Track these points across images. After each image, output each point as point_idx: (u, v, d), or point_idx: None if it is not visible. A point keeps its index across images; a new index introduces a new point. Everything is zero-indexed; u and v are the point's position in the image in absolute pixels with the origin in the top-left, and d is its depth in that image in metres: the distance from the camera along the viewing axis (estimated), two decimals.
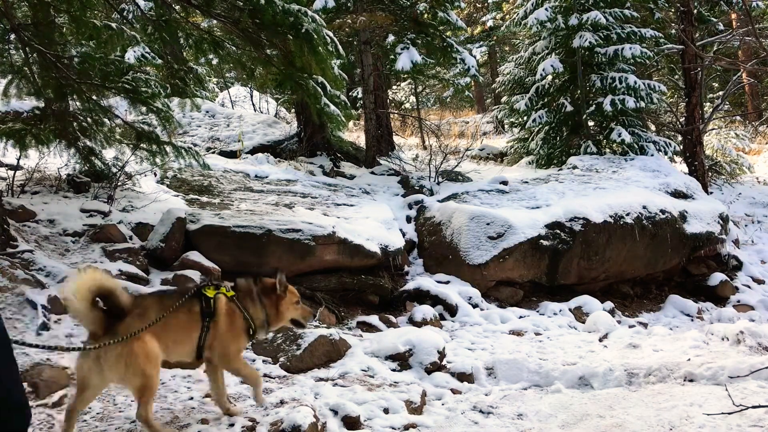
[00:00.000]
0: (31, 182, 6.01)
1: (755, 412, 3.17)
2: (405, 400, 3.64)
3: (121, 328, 2.70)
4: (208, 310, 2.97)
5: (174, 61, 6.57)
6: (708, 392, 3.64)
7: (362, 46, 9.91)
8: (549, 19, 10.82)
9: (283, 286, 3.20)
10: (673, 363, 4.14)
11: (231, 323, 3.05)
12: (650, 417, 3.39)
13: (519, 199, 8.08)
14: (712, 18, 12.57)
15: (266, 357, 4.12)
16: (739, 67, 12.41)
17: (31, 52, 5.06)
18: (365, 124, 10.32)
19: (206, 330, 2.96)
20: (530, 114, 11.53)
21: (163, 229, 5.36)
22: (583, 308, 6.58)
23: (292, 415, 3.09)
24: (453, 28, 10.58)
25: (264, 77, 6.00)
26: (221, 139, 10.61)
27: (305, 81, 5.36)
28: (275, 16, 4.73)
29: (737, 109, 17.82)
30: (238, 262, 5.46)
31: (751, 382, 3.69)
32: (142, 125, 5.88)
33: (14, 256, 4.54)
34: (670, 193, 8.55)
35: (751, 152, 14.26)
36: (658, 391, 3.79)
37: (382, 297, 6.23)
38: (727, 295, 7.80)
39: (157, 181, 7.10)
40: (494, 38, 19.97)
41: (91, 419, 3.09)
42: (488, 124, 19.33)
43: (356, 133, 13.67)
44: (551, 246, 6.91)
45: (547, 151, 11.51)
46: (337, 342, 4.31)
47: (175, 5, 5.46)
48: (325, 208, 7.26)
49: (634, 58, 10.21)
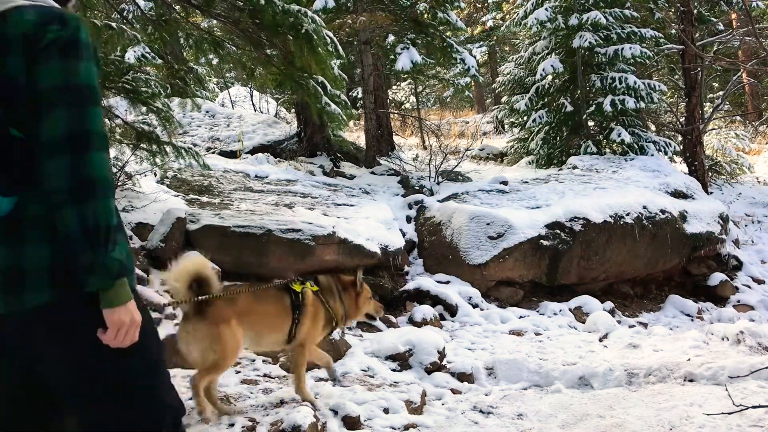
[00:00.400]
0: None
1: (755, 412, 3.17)
2: (405, 400, 3.64)
3: (210, 311, 2.94)
4: (298, 303, 3.26)
5: (174, 61, 6.57)
6: (708, 392, 3.64)
7: (362, 46, 9.91)
8: (549, 19, 10.81)
9: (361, 284, 3.52)
10: (673, 363, 4.14)
11: (316, 316, 3.35)
12: (650, 417, 3.39)
13: (519, 199, 8.08)
14: (712, 18, 12.57)
15: (266, 357, 4.12)
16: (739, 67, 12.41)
17: None
18: (365, 124, 10.32)
19: (297, 322, 3.25)
20: (530, 114, 11.52)
21: (163, 229, 5.36)
22: (583, 308, 6.58)
23: (292, 415, 3.10)
24: (453, 28, 10.58)
25: (264, 77, 6.00)
26: (221, 139, 10.61)
27: (305, 81, 5.36)
28: (275, 16, 4.73)
29: (737, 109, 17.82)
30: (239, 262, 5.47)
31: (751, 382, 3.69)
32: (142, 125, 5.87)
33: None
34: (670, 193, 8.54)
35: (751, 152, 14.26)
36: (658, 391, 3.79)
37: (382, 297, 6.22)
38: (727, 295, 7.80)
39: (157, 181, 7.10)
40: (494, 38, 19.95)
41: None
42: (488, 124, 19.33)
43: (356, 133, 13.67)
44: (551, 246, 6.91)
45: (547, 151, 11.50)
46: (337, 342, 4.31)
47: (175, 5, 5.46)
48: (325, 208, 7.26)
49: (634, 58, 10.21)
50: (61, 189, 1.41)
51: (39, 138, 1.43)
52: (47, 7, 1.52)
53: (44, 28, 1.45)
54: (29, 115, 1.44)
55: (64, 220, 1.43)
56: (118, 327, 1.47)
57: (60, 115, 1.43)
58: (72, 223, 1.42)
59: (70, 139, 1.42)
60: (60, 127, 1.42)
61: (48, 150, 1.42)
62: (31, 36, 1.45)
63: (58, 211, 1.43)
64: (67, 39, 1.46)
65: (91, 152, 1.44)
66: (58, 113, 1.42)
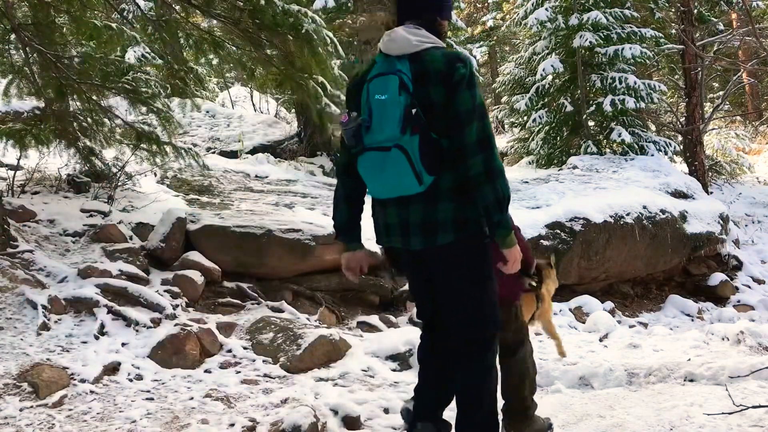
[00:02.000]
0: (32, 182, 6.01)
1: (756, 412, 3.17)
2: (405, 400, 3.63)
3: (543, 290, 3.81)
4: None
5: (174, 61, 6.56)
6: (708, 392, 3.63)
7: (362, 46, 9.90)
8: (549, 19, 10.81)
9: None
10: (674, 363, 4.14)
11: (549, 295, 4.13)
12: (650, 417, 3.39)
13: (519, 199, 8.08)
14: (713, 18, 12.55)
15: (266, 357, 4.12)
16: (739, 67, 12.41)
17: (31, 52, 5.06)
18: None
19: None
20: (530, 114, 11.52)
21: (164, 229, 5.36)
22: (584, 308, 6.57)
23: (293, 415, 3.10)
24: (453, 28, 10.58)
25: (264, 77, 6.00)
26: (221, 139, 10.60)
27: (305, 81, 5.36)
28: (275, 16, 4.74)
29: (737, 109, 17.81)
30: (239, 262, 5.46)
31: (752, 382, 3.68)
32: (142, 125, 5.87)
33: (14, 256, 4.55)
34: (670, 193, 8.54)
35: (752, 152, 14.26)
36: (658, 391, 3.79)
37: (383, 297, 6.22)
38: (728, 295, 7.79)
39: (158, 181, 7.09)
40: (494, 38, 19.94)
41: (91, 419, 3.09)
42: None
43: None
44: (551, 246, 6.90)
45: (547, 151, 11.50)
46: (337, 342, 4.30)
47: (175, 5, 5.46)
48: (325, 208, 7.25)
49: (634, 58, 10.20)
50: (480, 174, 2.18)
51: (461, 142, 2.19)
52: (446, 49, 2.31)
53: (453, 66, 2.20)
54: (451, 128, 2.20)
55: (484, 194, 2.20)
56: (513, 260, 2.29)
57: (473, 128, 2.19)
58: (489, 196, 2.19)
59: (481, 142, 2.19)
60: (474, 135, 2.19)
61: (469, 150, 2.19)
62: (444, 72, 2.20)
63: (478, 188, 2.20)
64: (469, 75, 2.21)
65: (493, 149, 2.22)
66: (471, 127, 2.19)
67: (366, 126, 2.24)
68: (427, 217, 2.26)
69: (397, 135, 2.17)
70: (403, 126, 2.16)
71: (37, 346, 3.76)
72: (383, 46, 2.31)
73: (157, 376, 3.67)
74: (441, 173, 2.22)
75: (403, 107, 2.17)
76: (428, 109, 2.19)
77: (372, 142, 2.23)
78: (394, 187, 2.24)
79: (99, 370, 3.51)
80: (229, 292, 5.26)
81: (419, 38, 2.26)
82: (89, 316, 4.18)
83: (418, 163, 2.17)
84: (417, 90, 2.20)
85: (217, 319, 4.64)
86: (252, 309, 5.13)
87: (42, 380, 3.25)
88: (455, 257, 2.32)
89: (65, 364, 3.51)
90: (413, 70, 2.22)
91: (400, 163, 2.17)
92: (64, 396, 3.24)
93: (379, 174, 2.24)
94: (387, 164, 2.19)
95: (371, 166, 2.25)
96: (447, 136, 2.20)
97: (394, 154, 2.17)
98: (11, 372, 3.32)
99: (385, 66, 2.26)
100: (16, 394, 3.17)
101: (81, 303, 4.23)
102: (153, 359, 3.81)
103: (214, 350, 4.11)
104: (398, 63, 2.24)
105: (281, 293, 5.47)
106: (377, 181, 2.28)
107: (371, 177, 2.29)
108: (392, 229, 2.36)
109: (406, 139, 2.16)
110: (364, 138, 2.25)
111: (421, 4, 2.35)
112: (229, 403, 3.39)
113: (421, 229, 2.28)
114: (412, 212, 2.28)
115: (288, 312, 5.17)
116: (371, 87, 2.26)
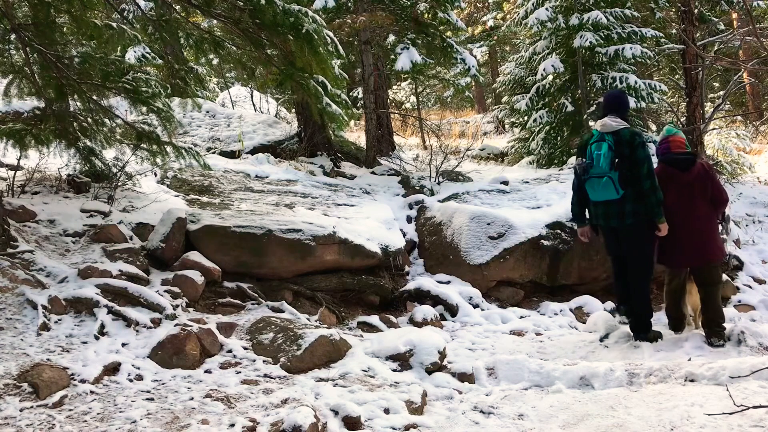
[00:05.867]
0: (32, 182, 6.01)
1: (756, 413, 3.17)
2: (405, 401, 3.63)
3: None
4: None
5: (174, 61, 6.56)
6: (709, 392, 3.63)
7: (362, 46, 9.90)
8: (550, 18, 10.80)
9: None
10: (674, 363, 4.13)
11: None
12: (651, 417, 3.39)
13: (520, 199, 8.08)
14: (713, 18, 12.54)
15: (266, 357, 4.12)
16: (740, 67, 12.38)
17: (31, 52, 5.06)
18: (366, 124, 10.30)
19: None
20: (531, 114, 11.52)
21: (164, 229, 5.36)
22: (584, 308, 6.56)
23: (293, 416, 3.09)
24: (453, 28, 10.57)
25: (264, 77, 6.00)
26: (221, 139, 10.59)
27: (306, 81, 5.36)
28: (275, 16, 4.73)
29: (738, 108, 17.80)
30: (239, 262, 5.46)
31: (752, 382, 3.67)
32: (142, 125, 5.87)
33: (14, 256, 4.55)
34: None
35: (752, 152, 14.22)
36: (659, 391, 3.78)
37: (383, 297, 6.23)
38: (728, 295, 7.75)
39: (158, 181, 7.09)
40: (495, 38, 19.94)
41: (91, 419, 3.08)
42: (489, 124, 19.33)
43: (357, 133, 13.66)
44: (552, 246, 6.91)
45: (547, 151, 11.50)
46: (337, 342, 4.30)
47: (176, 5, 5.46)
48: (325, 208, 7.25)
49: (634, 58, 10.20)
50: (648, 189, 4.58)
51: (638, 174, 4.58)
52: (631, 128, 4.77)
53: (634, 138, 4.63)
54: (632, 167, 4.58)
55: (649, 200, 4.58)
56: (663, 231, 4.66)
57: (643, 168, 4.58)
58: (652, 200, 4.58)
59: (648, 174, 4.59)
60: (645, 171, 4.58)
61: (643, 178, 4.57)
62: (629, 140, 4.62)
63: (647, 197, 4.58)
64: (642, 142, 4.63)
65: (653, 179, 4.60)
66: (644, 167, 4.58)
67: (590, 165, 4.66)
68: (620, 210, 4.66)
69: (607, 170, 4.58)
70: (611, 167, 4.57)
71: (37, 347, 3.76)
72: (599, 128, 4.73)
73: (157, 376, 3.67)
74: (627, 188, 4.58)
75: (611, 158, 4.56)
76: (621, 158, 4.57)
77: (594, 174, 4.65)
78: (605, 195, 4.64)
79: (99, 371, 3.51)
80: (230, 293, 5.26)
81: (617, 123, 4.70)
82: (89, 317, 4.18)
83: (617, 184, 4.56)
84: (616, 149, 4.59)
85: (217, 319, 4.64)
86: (252, 309, 5.13)
87: (42, 380, 3.25)
88: (633, 229, 4.69)
89: (65, 364, 3.51)
90: (614, 139, 4.62)
91: (608, 184, 4.58)
92: (65, 396, 3.24)
93: (597, 189, 4.66)
94: (602, 185, 4.61)
95: (594, 186, 4.67)
96: (630, 171, 4.57)
97: (605, 180, 4.58)
98: (11, 372, 3.32)
99: (600, 136, 4.69)
100: (16, 394, 3.17)
101: (81, 303, 4.23)
102: (153, 359, 3.81)
103: (214, 350, 4.11)
104: (606, 135, 4.66)
105: (281, 293, 5.47)
106: (596, 193, 4.69)
107: (593, 191, 4.70)
108: (601, 216, 4.79)
109: (612, 173, 4.57)
110: (589, 171, 4.66)
111: (616, 108, 4.79)
112: (229, 403, 3.39)
113: (617, 216, 4.68)
114: (611, 207, 4.68)
115: (288, 312, 5.18)
116: (593, 147, 4.68)
